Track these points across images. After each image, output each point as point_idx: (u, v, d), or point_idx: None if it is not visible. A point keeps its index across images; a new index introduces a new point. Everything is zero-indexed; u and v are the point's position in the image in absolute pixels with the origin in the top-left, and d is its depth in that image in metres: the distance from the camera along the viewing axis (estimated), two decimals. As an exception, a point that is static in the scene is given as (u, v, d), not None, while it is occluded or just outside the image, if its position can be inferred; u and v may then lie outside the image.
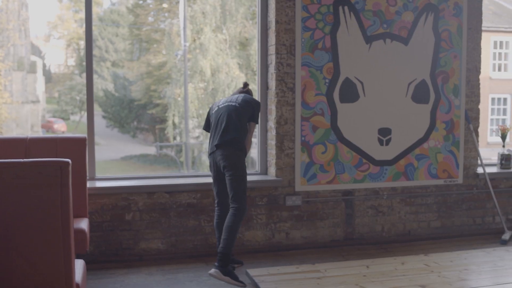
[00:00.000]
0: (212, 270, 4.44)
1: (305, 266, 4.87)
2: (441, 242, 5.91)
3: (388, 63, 5.72)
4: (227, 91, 18.42)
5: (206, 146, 19.63)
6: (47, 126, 25.44)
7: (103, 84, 23.04)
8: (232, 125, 4.59)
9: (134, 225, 5.13)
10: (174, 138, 20.34)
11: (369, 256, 5.30)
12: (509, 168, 6.39)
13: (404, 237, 5.94)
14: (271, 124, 5.52)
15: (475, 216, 6.22)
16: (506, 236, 5.93)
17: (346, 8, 5.55)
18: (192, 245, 5.29)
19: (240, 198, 4.53)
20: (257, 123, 4.82)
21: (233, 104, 4.69)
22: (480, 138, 6.26)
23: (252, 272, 4.67)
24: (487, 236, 6.16)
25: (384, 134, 5.75)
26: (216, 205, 4.83)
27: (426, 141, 5.90)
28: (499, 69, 23.02)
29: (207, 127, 4.91)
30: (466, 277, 4.67)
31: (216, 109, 4.79)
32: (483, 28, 6.18)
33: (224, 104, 4.74)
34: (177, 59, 19.96)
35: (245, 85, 5.02)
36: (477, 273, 4.75)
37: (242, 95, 4.81)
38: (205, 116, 7.04)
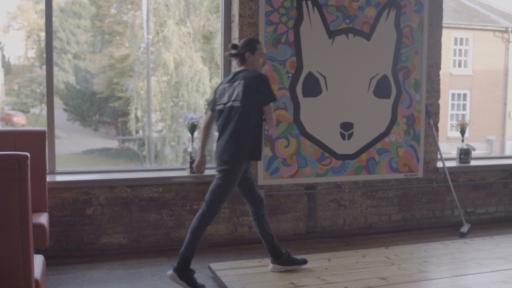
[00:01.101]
0: (170, 272, 4.25)
1: (268, 260, 4.86)
2: (402, 235, 6.00)
3: (350, 58, 5.76)
4: (191, 85, 18.32)
5: (168, 139, 19.53)
6: (6, 119, 24.91)
7: (64, 76, 22.64)
8: (234, 136, 4.24)
9: (95, 219, 5.07)
10: (137, 132, 20.14)
11: (331, 249, 5.35)
12: (468, 162, 6.51)
13: (365, 230, 6.01)
14: (234, 118, 5.50)
15: (435, 209, 6.33)
16: (464, 229, 6.05)
17: (309, 2, 5.56)
18: (154, 239, 5.25)
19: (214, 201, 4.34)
20: (272, 101, 4.29)
21: (236, 104, 4.24)
22: (440, 133, 6.37)
23: (215, 266, 4.66)
24: (446, 229, 6.27)
25: (346, 128, 5.80)
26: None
27: (387, 136, 5.97)
28: (459, 65, 23.41)
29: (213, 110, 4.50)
30: (425, 269, 4.75)
31: (220, 106, 4.37)
32: (443, 25, 6.27)
33: (228, 105, 4.30)
34: (140, 51, 19.74)
35: (234, 46, 4.45)
36: (436, 265, 4.84)
37: (242, 81, 4.26)
38: (168, 110, 6.95)
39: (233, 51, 4.45)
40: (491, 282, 4.45)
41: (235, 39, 5.42)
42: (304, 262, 4.63)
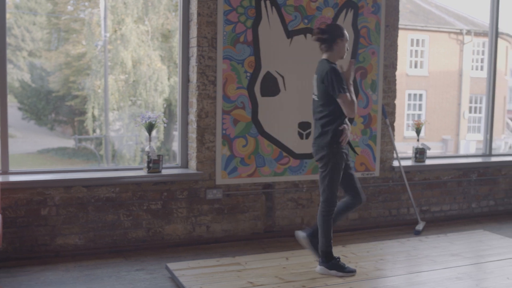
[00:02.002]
0: (318, 268, 4.56)
1: (225, 259, 4.88)
2: (359, 233, 6.07)
3: (308, 58, 5.79)
4: (149, 84, 18.19)
5: (126, 139, 19.33)
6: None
7: (19, 74, 22.17)
8: (317, 127, 4.51)
9: (50, 220, 4.97)
10: (94, 131, 19.88)
11: (289, 248, 5.37)
12: (423, 162, 6.63)
13: (323, 229, 6.04)
14: (192, 117, 5.48)
15: (391, 207, 6.43)
16: (419, 226, 6.16)
17: (268, 2, 5.58)
18: (111, 240, 5.19)
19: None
20: (342, 92, 4.28)
21: (315, 98, 4.54)
22: (396, 133, 6.46)
23: (172, 266, 4.63)
24: (402, 227, 6.37)
25: (304, 128, 5.83)
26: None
27: (344, 135, 6.02)
28: (415, 66, 23.84)
29: None
30: (381, 266, 4.82)
31: (313, 97, 4.62)
32: (400, 26, 6.37)
33: (313, 97, 4.60)
34: (97, 50, 19.49)
35: (322, 31, 4.46)
36: (392, 263, 4.91)
37: (316, 75, 4.50)
38: (125, 109, 6.87)
39: (323, 36, 4.47)
40: (445, 279, 4.54)
41: (194, 38, 5.40)
42: (353, 271, 4.58)
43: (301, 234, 4.68)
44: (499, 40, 8.42)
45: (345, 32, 4.51)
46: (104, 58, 18.85)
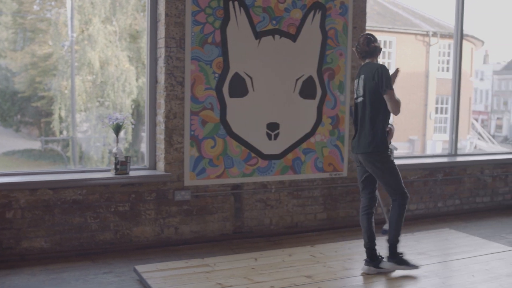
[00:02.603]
0: (365, 268, 4.68)
1: (194, 261, 4.86)
2: (327, 233, 6.11)
3: (276, 59, 5.81)
4: (117, 84, 18.03)
5: (93, 140, 19.12)
6: None
7: (-17, 74, 21.79)
8: (365, 127, 4.64)
9: (16, 223, 4.89)
10: (61, 133, 19.61)
11: (258, 249, 5.38)
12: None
13: (291, 229, 6.08)
14: (160, 118, 5.45)
15: (359, 207, 6.46)
16: (386, 226, 6.19)
17: (236, 3, 5.58)
18: (78, 242, 5.13)
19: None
20: (390, 88, 4.56)
21: (359, 100, 4.70)
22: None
23: (140, 268, 4.60)
24: (369, 226, 6.42)
25: (272, 128, 5.85)
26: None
27: (313, 136, 6.07)
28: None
29: None
30: (350, 266, 4.86)
31: (356, 100, 4.76)
32: (367, 28, 6.43)
33: (358, 101, 4.72)
34: (64, 50, 19.25)
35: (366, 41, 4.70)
36: (360, 262, 4.94)
37: (363, 75, 4.68)
38: (93, 110, 6.81)
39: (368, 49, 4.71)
40: (412, 277, 4.60)
41: (161, 38, 5.37)
42: (417, 266, 4.73)
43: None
44: (464, 42, 8.56)
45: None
46: (71, 58, 18.63)
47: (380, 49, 4.75)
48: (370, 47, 4.69)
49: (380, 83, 4.54)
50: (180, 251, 5.31)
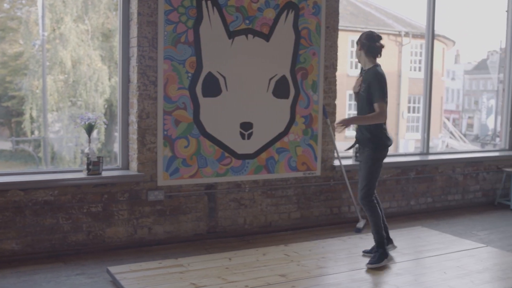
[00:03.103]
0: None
1: (168, 261, 4.84)
2: (301, 232, 6.13)
3: (250, 59, 5.81)
4: (89, 84, 17.85)
5: (66, 141, 18.91)
6: None
7: (-49, 74, 21.42)
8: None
9: (-15, 225, 4.82)
10: (32, 133, 19.36)
11: (232, 249, 5.37)
12: (363, 161, 6.73)
13: (265, 229, 6.08)
14: (133, 118, 5.41)
15: (332, 206, 6.51)
16: (360, 224, 6.26)
17: (209, 2, 5.56)
18: (50, 244, 5.06)
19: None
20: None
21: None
22: (337, 132, 6.55)
23: (113, 269, 4.56)
24: (343, 225, 6.47)
25: (246, 128, 5.85)
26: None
27: (286, 135, 6.08)
28: (356, 67, 24.22)
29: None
30: (323, 264, 4.88)
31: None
32: (340, 28, 6.46)
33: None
34: (35, 49, 19.01)
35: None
36: (334, 261, 4.98)
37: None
38: (65, 110, 6.73)
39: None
40: (385, 275, 4.66)
41: (134, 37, 5.33)
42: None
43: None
44: (436, 42, 8.64)
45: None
46: (42, 57, 18.40)
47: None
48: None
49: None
50: (153, 252, 5.28)
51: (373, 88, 4.81)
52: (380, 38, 4.93)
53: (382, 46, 4.92)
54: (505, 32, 8.54)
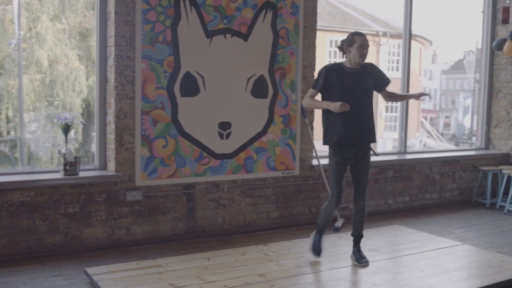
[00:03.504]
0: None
1: (146, 262, 4.82)
2: (280, 232, 6.14)
3: (228, 58, 5.81)
4: (66, 84, 17.69)
5: (42, 141, 18.72)
6: None
7: None
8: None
9: (-40, 226, 4.75)
10: (8, 133, 19.14)
11: (211, 248, 5.37)
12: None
13: (244, 229, 6.08)
14: (110, 118, 5.38)
15: (311, 205, 6.53)
16: (338, 223, 6.29)
17: (187, 2, 5.54)
18: (26, 245, 5.01)
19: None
20: (312, 87, 5.04)
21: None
22: (315, 132, 6.57)
23: (91, 270, 4.53)
24: (321, 224, 6.47)
25: (224, 128, 5.84)
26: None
27: (264, 135, 6.09)
28: (334, 67, 24.31)
29: None
30: (302, 264, 4.90)
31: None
32: (319, 27, 6.49)
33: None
34: (10, 48, 18.79)
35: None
36: (312, 260, 5.00)
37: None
38: (42, 110, 6.65)
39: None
40: (363, 274, 4.68)
41: (111, 37, 5.30)
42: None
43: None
44: (413, 42, 8.71)
45: (357, 38, 5.21)
46: (18, 57, 18.19)
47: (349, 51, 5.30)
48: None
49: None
50: (131, 252, 5.25)
51: (380, 75, 5.29)
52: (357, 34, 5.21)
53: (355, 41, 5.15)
54: (481, 33, 8.63)
